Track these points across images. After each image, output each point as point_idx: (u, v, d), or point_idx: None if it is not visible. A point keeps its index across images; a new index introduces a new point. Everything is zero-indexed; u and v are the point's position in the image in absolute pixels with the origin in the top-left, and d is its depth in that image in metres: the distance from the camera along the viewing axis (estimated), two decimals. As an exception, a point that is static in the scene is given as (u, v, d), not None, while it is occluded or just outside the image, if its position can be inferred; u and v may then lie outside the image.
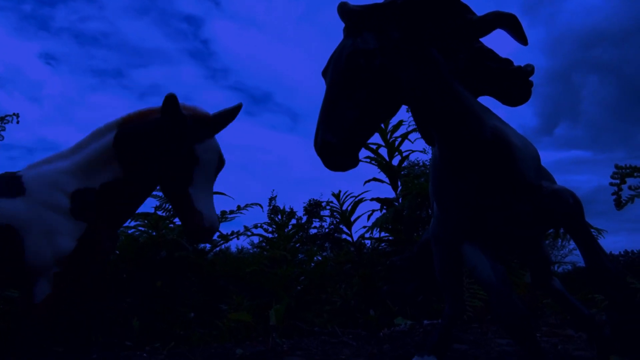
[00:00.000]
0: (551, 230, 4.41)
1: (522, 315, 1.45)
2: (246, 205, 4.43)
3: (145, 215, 4.23)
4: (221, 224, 4.59)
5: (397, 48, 1.45)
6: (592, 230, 4.19)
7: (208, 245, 4.76)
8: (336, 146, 1.34)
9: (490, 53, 1.69)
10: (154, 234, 4.05)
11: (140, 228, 4.26)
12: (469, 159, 1.57)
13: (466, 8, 1.50)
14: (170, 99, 1.77)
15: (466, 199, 1.64)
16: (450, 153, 1.61)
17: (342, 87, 1.40)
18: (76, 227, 1.77)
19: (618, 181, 2.78)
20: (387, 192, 7.49)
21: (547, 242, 4.99)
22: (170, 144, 1.79)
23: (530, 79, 1.76)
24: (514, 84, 1.72)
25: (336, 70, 1.43)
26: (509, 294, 1.49)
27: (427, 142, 1.87)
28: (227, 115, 1.99)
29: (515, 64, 1.74)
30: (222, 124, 1.99)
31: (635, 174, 2.71)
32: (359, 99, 1.38)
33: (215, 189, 1.93)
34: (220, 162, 1.91)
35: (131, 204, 1.97)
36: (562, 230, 4.44)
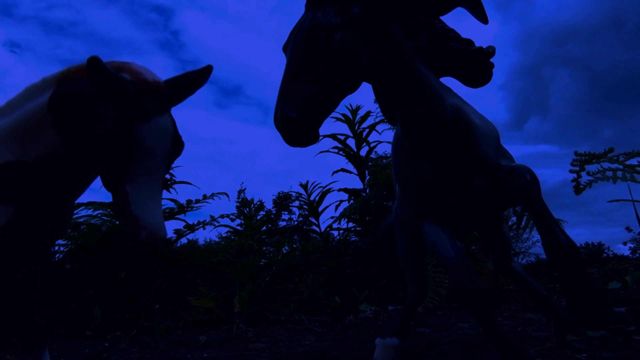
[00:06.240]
0: (514, 219, 4.49)
1: (478, 289, 1.46)
2: (212, 195, 4.38)
3: (108, 204, 4.13)
4: (187, 214, 4.51)
5: (357, 23, 1.44)
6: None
7: (174, 235, 4.68)
8: (296, 120, 1.32)
9: (451, 32, 1.70)
10: (117, 222, 3.95)
11: (103, 217, 4.16)
12: (430, 137, 1.58)
13: None
14: (92, 63, 1.30)
15: (426, 178, 1.64)
16: (410, 131, 1.61)
17: (302, 62, 1.38)
18: (1, 213, 1.44)
19: (577, 168, 2.85)
20: (355, 182, 7.49)
21: (511, 233, 5.08)
22: (101, 122, 1.35)
23: (492, 60, 1.78)
24: (475, 64, 1.74)
25: (296, 45, 1.41)
26: (466, 269, 1.50)
27: (389, 122, 1.87)
28: (190, 82, 1.54)
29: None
30: (182, 95, 1.54)
31: (593, 161, 2.78)
32: (318, 73, 1.36)
33: (181, 179, 1.65)
34: (174, 149, 1.45)
35: (74, 185, 1.54)
36: (523, 223, 4.53)
